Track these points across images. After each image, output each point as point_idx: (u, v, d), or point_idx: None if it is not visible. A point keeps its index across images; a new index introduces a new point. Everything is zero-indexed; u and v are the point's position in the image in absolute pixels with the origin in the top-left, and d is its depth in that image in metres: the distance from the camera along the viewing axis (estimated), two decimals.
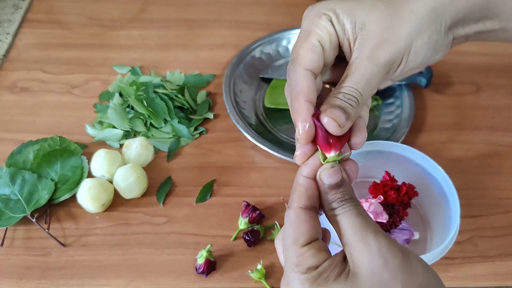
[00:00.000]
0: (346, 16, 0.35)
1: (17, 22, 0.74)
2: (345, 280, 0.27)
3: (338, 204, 0.30)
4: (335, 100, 0.33)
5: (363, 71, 0.34)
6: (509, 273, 0.50)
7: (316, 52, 0.35)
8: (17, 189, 0.53)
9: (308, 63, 0.34)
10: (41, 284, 0.48)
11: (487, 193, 0.56)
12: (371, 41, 0.35)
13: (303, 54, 0.34)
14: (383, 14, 0.35)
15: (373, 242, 0.28)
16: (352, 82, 0.34)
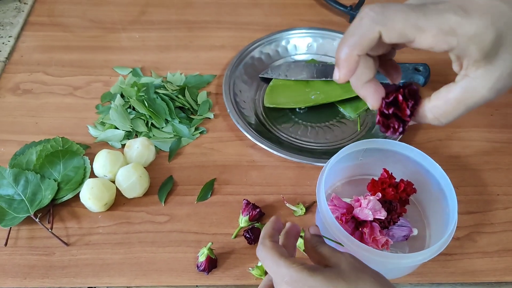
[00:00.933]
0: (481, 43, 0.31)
1: (19, 25, 0.75)
2: (331, 269, 0.36)
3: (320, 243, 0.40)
4: (425, 116, 0.36)
5: (456, 112, 0.34)
6: (507, 268, 0.50)
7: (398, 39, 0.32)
8: (20, 190, 0.53)
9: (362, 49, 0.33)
10: (45, 282, 0.49)
11: (485, 190, 0.57)
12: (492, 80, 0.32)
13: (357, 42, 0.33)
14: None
15: (347, 254, 0.38)
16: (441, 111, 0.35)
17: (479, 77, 0.32)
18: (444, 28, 0.31)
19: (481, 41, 0.30)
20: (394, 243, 0.50)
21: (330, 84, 0.65)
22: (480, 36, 0.30)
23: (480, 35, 0.30)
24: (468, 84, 0.32)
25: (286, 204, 0.54)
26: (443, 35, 0.31)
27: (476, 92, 0.32)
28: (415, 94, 0.38)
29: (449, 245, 0.45)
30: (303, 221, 0.53)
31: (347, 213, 0.48)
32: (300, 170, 0.58)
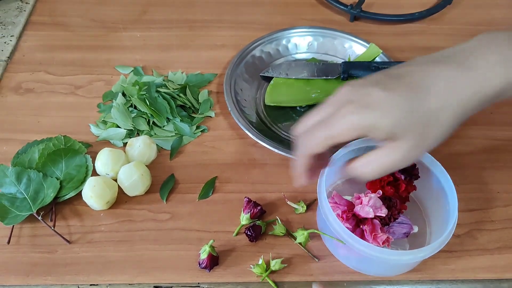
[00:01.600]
0: (383, 132, 0.38)
1: (21, 24, 0.76)
2: None
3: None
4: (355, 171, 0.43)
5: (381, 165, 0.41)
6: (507, 265, 0.51)
7: (328, 147, 0.40)
8: (23, 188, 0.54)
9: (316, 153, 0.41)
10: (48, 280, 0.49)
11: (485, 187, 0.57)
12: (399, 154, 0.39)
13: (316, 148, 0.41)
14: (416, 136, 0.38)
15: None
16: (362, 163, 0.42)
17: (389, 148, 0.39)
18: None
19: (380, 127, 0.37)
20: (395, 240, 0.50)
21: (331, 83, 0.66)
22: (379, 124, 0.37)
23: (379, 123, 0.37)
24: (383, 152, 0.39)
25: (287, 201, 0.54)
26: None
27: (389, 158, 0.39)
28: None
29: (449, 242, 0.45)
30: (304, 218, 0.54)
31: (348, 211, 0.48)
32: None
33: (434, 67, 0.38)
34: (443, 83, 0.37)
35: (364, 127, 0.37)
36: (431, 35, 0.76)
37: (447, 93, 0.37)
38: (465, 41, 0.41)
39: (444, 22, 0.79)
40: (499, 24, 0.78)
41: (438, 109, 0.37)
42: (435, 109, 0.37)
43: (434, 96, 0.37)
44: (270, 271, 0.49)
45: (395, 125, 0.36)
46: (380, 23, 0.78)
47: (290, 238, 0.52)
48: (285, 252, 0.51)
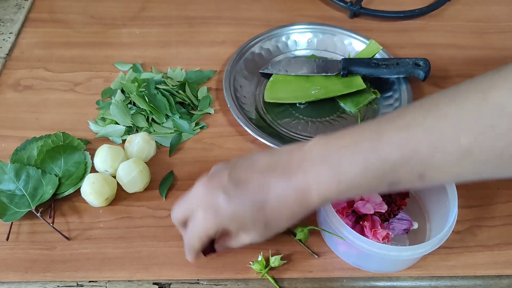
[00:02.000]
0: (230, 227, 0.44)
1: (20, 21, 0.75)
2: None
3: None
4: None
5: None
6: (508, 262, 0.50)
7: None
8: (21, 185, 0.53)
9: (200, 248, 0.46)
10: (46, 277, 0.49)
11: (485, 184, 0.57)
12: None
13: (198, 245, 0.45)
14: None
15: None
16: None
17: (243, 235, 0.44)
18: None
19: (232, 228, 0.43)
20: (395, 236, 0.50)
21: (330, 79, 0.65)
22: (230, 226, 0.43)
23: (229, 225, 0.43)
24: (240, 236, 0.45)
25: None
26: None
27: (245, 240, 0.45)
28: None
29: (449, 239, 0.45)
30: None
31: (348, 207, 0.48)
32: None
33: (269, 178, 0.41)
34: (275, 194, 0.40)
35: (219, 227, 0.42)
36: (431, 32, 0.76)
37: (278, 203, 0.41)
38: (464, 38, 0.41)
39: (444, 19, 0.78)
40: (499, 21, 0.78)
41: (274, 214, 0.41)
42: (271, 214, 0.41)
43: (270, 204, 0.41)
44: (270, 268, 0.49)
45: (242, 226, 0.42)
46: (380, 20, 0.77)
47: (289, 235, 0.52)
48: (285, 248, 0.51)
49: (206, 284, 0.49)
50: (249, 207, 0.41)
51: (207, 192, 0.42)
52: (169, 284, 0.49)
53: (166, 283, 0.49)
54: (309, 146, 0.40)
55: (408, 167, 0.36)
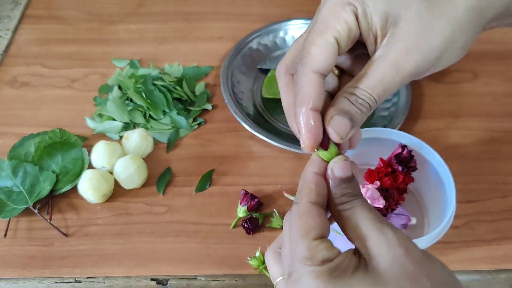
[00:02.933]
0: (377, 8, 0.30)
1: (17, 18, 0.75)
2: (366, 272, 0.25)
3: (348, 199, 0.28)
4: (345, 103, 0.31)
5: (383, 76, 0.30)
6: (505, 256, 0.50)
7: (330, 51, 0.30)
8: (19, 181, 0.53)
9: (320, 65, 0.30)
10: (44, 273, 0.49)
11: (484, 179, 0.57)
12: (401, 43, 0.30)
13: (315, 53, 0.30)
14: (421, 12, 0.30)
15: (391, 233, 0.26)
16: (368, 86, 0.31)
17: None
18: None
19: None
20: None
21: None
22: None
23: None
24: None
25: (285, 194, 0.54)
26: None
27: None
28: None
29: (447, 234, 0.45)
30: None
31: None
32: (298, 161, 0.58)
33: None
34: None
35: (354, 1, 0.31)
36: None
37: None
38: None
39: None
40: None
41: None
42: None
43: None
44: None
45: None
46: None
47: None
48: None
49: (204, 279, 0.49)
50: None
51: None
52: (167, 280, 0.49)
53: (164, 279, 0.49)
54: None
55: None
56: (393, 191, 0.48)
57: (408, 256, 0.25)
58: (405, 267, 0.25)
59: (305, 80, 0.30)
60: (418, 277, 0.24)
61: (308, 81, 0.30)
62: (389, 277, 0.24)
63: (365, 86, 0.31)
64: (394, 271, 0.24)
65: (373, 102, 0.31)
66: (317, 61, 0.30)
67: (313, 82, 0.30)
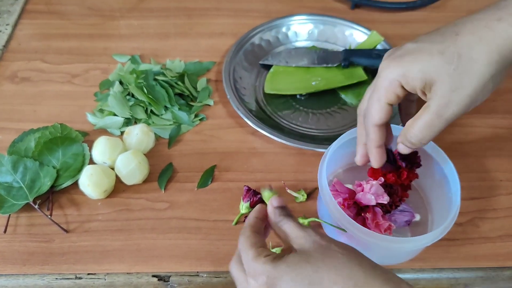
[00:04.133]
0: (416, 78, 0.40)
1: (17, 13, 0.74)
2: (297, 253, 0.36)
3: (283, 218, 0.39)
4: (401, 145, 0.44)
5: (429, 121, 0.40)
6: (509, 253, 0.50)
7: (385, 111, 0.43)
8: (19, 177, 0.53)
9: (378, 120, 0.43)
10: (45, 269, 0.48)
11: (488, 176, 0.56)
12: (440, 99, 0.39)
13: (374, 113, 0.43)
14: (450, 74, 0.38)
15: (311, 230, 0.37)
16: (417, 128, 0.41)
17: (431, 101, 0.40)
18: None
19: (412, 73, 0.40)
20: (396, 228, 0.50)
21: (331, 71, 0.65)
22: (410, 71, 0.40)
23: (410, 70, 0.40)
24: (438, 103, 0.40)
25: (288, 190, 0.54)
26: None
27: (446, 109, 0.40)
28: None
29: (451, 231, 0.45)
30: (305, 207, 0.53)
31: (349, 198, 0.47)
32: (301, 157, 0.57)
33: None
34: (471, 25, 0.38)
35: (399, 77, 0.40)
36: (433, 23, 0.75)
37: (478, 30, 0.38)
38: None
39: (446, 10, 0.78)
40: None
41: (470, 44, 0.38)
42: (466, 44, 0.38)
43: (464, 35, 0.38)
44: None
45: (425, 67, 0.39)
46: (381, 11, 0.77)
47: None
48: None
49: (206, 276, 0.48)
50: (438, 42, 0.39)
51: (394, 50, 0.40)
52: (168, 277, 0.48)
53: (165, 276, 0.48)
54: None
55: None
56: (397, 187, 0.48)
57: (322, 238, 0.36)
58: (321, 243, 0.36)
59: (371, 130, 0.44)
60: (330, 247, 0.35)
61: (373, 131, 0.44)
62: (312, 251, 0.35)
63: (416, 129, 0.41)
64: (314, 247, 0.35)
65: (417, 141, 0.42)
66: (375, 118, 0.43)
67: (375, 132, 0.44)
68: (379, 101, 0.42)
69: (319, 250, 0.35)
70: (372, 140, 0.45)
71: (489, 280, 0.49)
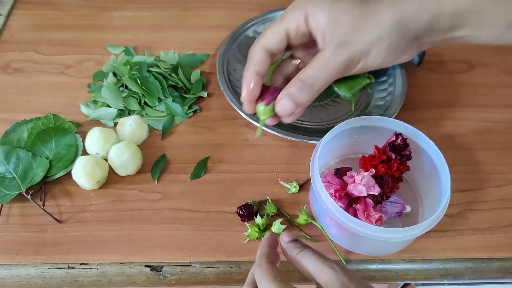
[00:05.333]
0: (323, 12, 0.41)
1: (10, 3, 0.74)
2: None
3: (299, 249, 0.38)
4: (291, 87, 0.42)
5: (323, 62, 0.41)
6: (498, 245, 0.51)
7: (278, 36, 0.43)
8: (11, 167, 0.53)
9: (267, 43, 0.43)
10: (37, 259, 0.48)
11: (478, 168, 0.57)
12: (338, 38, 0.41)
13: (267, 35, 0.43)
14: (355, 17, 0.41)
15: (336, 266, 0.36)
16: (311, 70, 0.42)
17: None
18: None
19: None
20: (387, 220, 0.50)
21: None
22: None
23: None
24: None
25: (280, 181, 0.54)
26: None
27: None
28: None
29: (441, 222, 0.45)
30: (297, 198, 0.53)
31: (341, 190, 0.48)
32: (293, 149, 0.58)
33: None
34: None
35: (308, 8, 0.42)
36: None
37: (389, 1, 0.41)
38: None
39: None
40: None
41: (379, 6, 0.41)
42: (375, 4, 0.41)
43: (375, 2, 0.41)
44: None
45: (335, 5, 0.41)
46: None
47: (281, 218, 0.51)
48: None
49: (198, 266, 0.49)
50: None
51: None
52: (161, 267, 0.48)
53: (158, 266, 0.49)
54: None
55: None
56: (388, 178, 0.48)
57: (351, 280, 0.35)
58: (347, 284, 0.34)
59: (254, 51, 0.44)
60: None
61: (256, 52, 0.44)
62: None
63: (308, 71, 0.41)
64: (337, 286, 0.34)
65: (312, 82, 0.42)
66: (267, 40, 0.43)
67: (259, 53, 0.43)
68: (279, 24, 0.43)
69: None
70: (253, 62, 0.44)
71: (478, 271, 0.50)
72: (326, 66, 0.41)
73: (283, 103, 0.43)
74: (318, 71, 0.41)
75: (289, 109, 0.43)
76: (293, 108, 0.43)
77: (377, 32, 0.41)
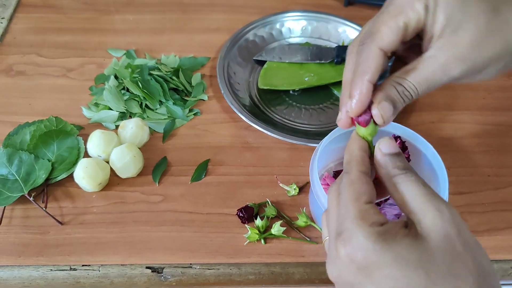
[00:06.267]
0: (445, 9, 0.33)
1: (12, 6, 0.75)
2: (415, 241, 0.26)
3: (400, 171, 0.30)
4: (393, 91, 0.34)
5: (431, 75, 0.33)
6: (497, 247, 0.51)
7: (398, 34, 0.34)
8: (14, 170, 0.53)
9: (386, 44, 0.34)
10: (40, 261, 0.49)
11: (476, 171, 0.57)
12: (454, 50, 0.33)
13: (385, 32, 0.34)
14: (479, 27, 0.32)
15: (446, 211, 0.27)
16: (416, 81, 0.34)
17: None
18: None
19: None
20: None
21: (324, 67, 0.66)
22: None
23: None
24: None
25: (280, 184, 0.55)
26: None
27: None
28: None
29: None
30: (296, 201, 0.54)
31: None
32: (293, 151, 0.58)
33: None
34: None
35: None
36: None
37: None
38: None
39: None
40: None
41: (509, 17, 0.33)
42: (506, 16, 0.33)
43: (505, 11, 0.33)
44: (269, 234, 0.49)
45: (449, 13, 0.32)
46: (374, 8, 0.77)
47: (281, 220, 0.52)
48: None
49: (199, 268, 0.49)
50: None
51: None
52: (162, 268, 0.49)
53: (159, 267, 0.49)
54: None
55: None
56: None
57: (460, 237, 0.26)
58: (455, 246, 0.26)
59: (370, 54, 0.34)
60: (465, 259, 0.26)
61: (373, 55, 0.34)
62: (437, 252, 0.25)
63: (413, 80, 0.34)
64: (443, 248, 0.26)
65: (416, 95, 0.34)
66: (384, 39, 0.33)
67: (376, 57, 0.34)
68: (395, 17, 0.33)
69: (449, 258, 0.25)
70: (368, 68, 0.33)
71: None
72: (431, 79, 0.34)
73: (384, 107, 0.34)
74: (423, 83, 0.34)
75: (389, 115, 0.35)
76: (391, 114, 0.35)
77: (499, 49, 0.33)
